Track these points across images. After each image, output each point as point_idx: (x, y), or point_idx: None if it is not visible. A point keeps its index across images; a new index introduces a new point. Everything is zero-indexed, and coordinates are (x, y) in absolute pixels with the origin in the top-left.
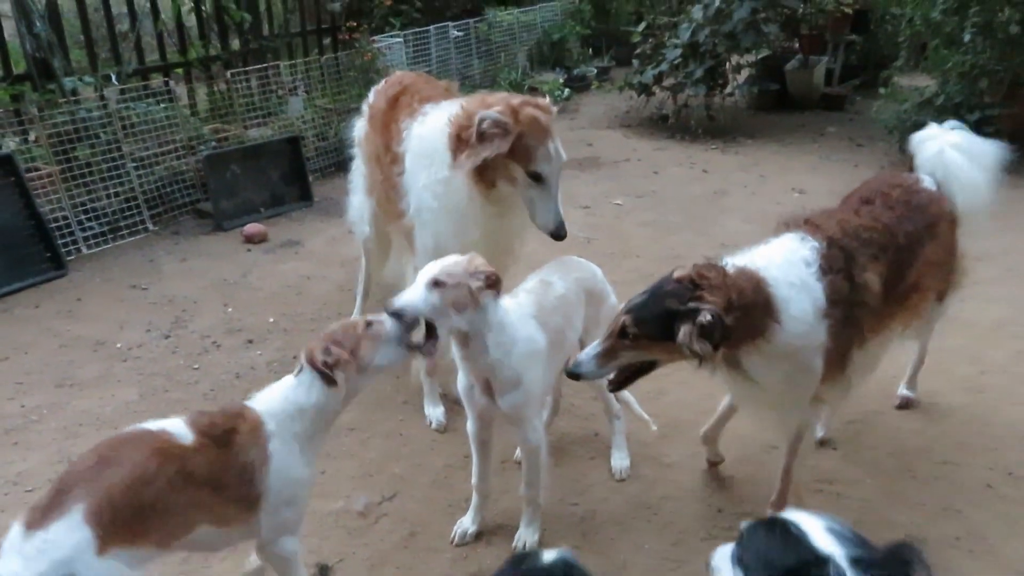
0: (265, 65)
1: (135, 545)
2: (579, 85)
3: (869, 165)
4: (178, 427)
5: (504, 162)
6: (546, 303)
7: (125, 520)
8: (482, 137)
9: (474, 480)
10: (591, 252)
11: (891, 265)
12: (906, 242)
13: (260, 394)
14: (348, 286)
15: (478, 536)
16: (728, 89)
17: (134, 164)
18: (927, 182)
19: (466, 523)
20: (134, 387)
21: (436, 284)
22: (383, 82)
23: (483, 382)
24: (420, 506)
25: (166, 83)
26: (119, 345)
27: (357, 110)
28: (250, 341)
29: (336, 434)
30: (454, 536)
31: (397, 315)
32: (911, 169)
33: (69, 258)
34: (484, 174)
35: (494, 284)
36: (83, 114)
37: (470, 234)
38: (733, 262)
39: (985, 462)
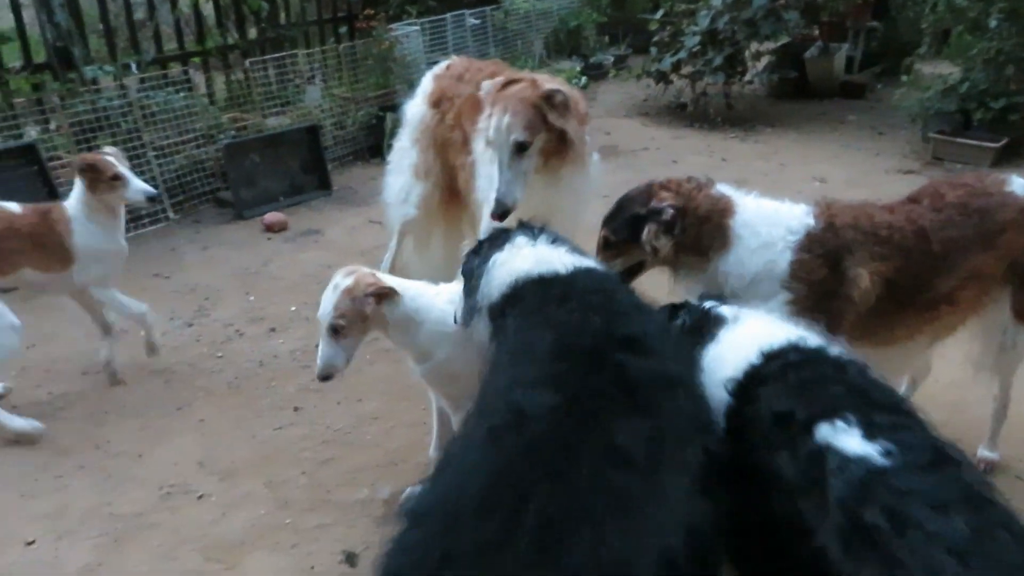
0: (283, 54)
1: None
2: (596, 73)
3: (891, 154)
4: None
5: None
6: None
7: None
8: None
9: (431, 451)
10: None
11: (908, 270)
12: (943, 249)
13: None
14: None
15: None
16: (747, 77)
17: (154, 153)
18: (1016, 185)
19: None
20: (158, 375)
21: (336, 331)
22: (443, 66)
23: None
24: None
25: (185, 72)
26: (142, 334)
27: (376, 98)
28: (273, 329)
29: (360, 423)
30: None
31: (326, 378)
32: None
33: None
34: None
35: (383, 296)
36: (104, 103)
37: (526, 206)
38: (722, 189)
39: None
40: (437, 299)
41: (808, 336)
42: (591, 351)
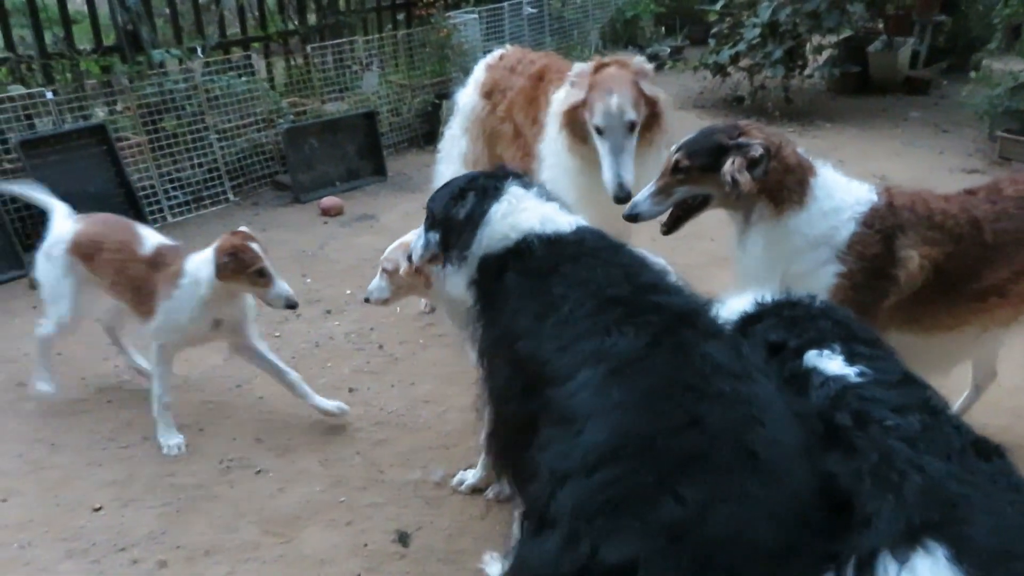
0: (342, 40)
1: None
2: (652, 64)
3: (955, 152)
4: None
5: (582, 114)
6: None
7: None
8: (571, 87)
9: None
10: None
11: (958, 257)
12: (996, 240)
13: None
14: None
15: None
16: (808, 71)
17: (216, 136)
18: None
19: (467, 474)
20: (219, 353)
21: (384, 271)
22: (496, 56)
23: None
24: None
25: (247, 56)
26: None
27: (432, 86)
28: (328, 312)
29: (414, 406)
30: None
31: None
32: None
33: (155, 226)
34: (575, 129)
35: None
36: (170, 86)
37: (576, 190)
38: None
39: None
40: None
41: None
42: (629, 298)
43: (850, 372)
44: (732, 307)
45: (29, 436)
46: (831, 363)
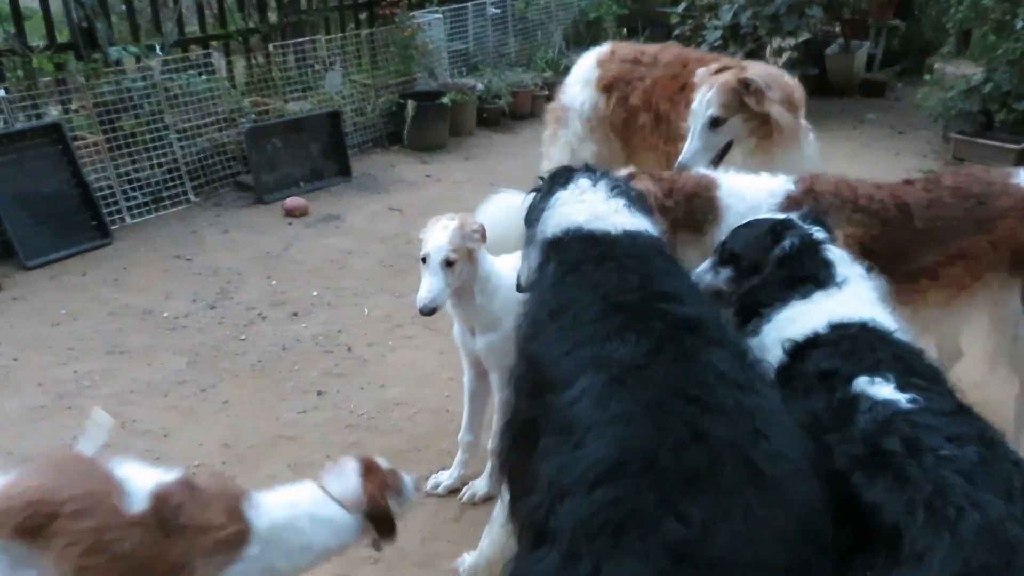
0: (305, 39)
1: None
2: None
3: (911, 153)
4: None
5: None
6: None
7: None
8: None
9: (460, 433)
10: None
11: (886, 239)
12: (926, 226)
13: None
14: (390, 262)
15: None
16: None
17: (176, 135)
18: (1023, 178)
19: (441, 476)
20: (183, 356)
21: (448, 264)
22: (606, 51)
23: (471, 327)
24: (469, 481)
25: (207, 55)
26: (166, 314)
27: (397, 85)
28: (295, 314)
29: (384, 409)
30: (426, 486)
31: (431, 311)
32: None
33: (114, 227)
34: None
35: (484, 236)
36: (127, 84)
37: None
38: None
39: None
40: (513, 268)
41: (884, 317)
42: (635, 305)
43: (901, 398)
44: (800, 322)
45: None
46: (881, 389)
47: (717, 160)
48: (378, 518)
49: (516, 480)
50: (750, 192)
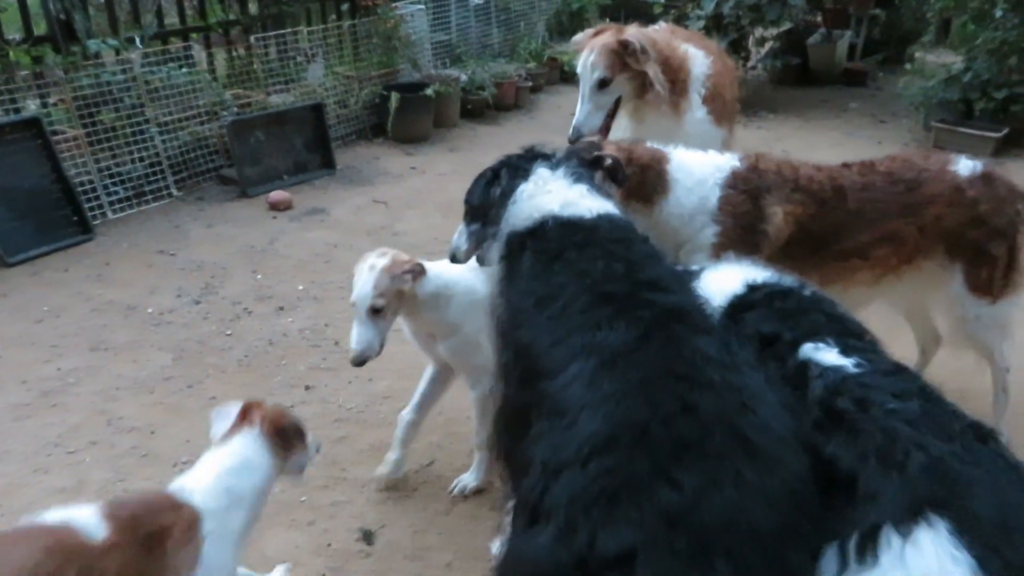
0: (287, 31)
1: None
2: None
3: (893, 141)
4: (91, 523)
5: None
6: None
7: None
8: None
9: (405, 409)
10: None
11: (822, 218)
12: (859, 207)
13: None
14: None
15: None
16: (751, 63)
17: (158, 129)
18: (961, 166)
19: (382, 470)
20: (168, 352)
21: (375, 311)
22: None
23: (424, 334)
24: (458, 474)
25: (187, 47)
26: (150, 310)
27: (380, 77)
28: (281, 308)
29: (373, 403)
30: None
31: (361, 363)
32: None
33: (95, 222)
34: None
35: (419, 274)
36: (107, 77)
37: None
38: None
39: None
40: (462, 271)
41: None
42: (623, 294)
43: (847, 363)
44: (720, 285)
45: None
46: (827, 355)
47: (609, 118)
48: (277, 431)
49: (510, 466)
50: (698, 167)
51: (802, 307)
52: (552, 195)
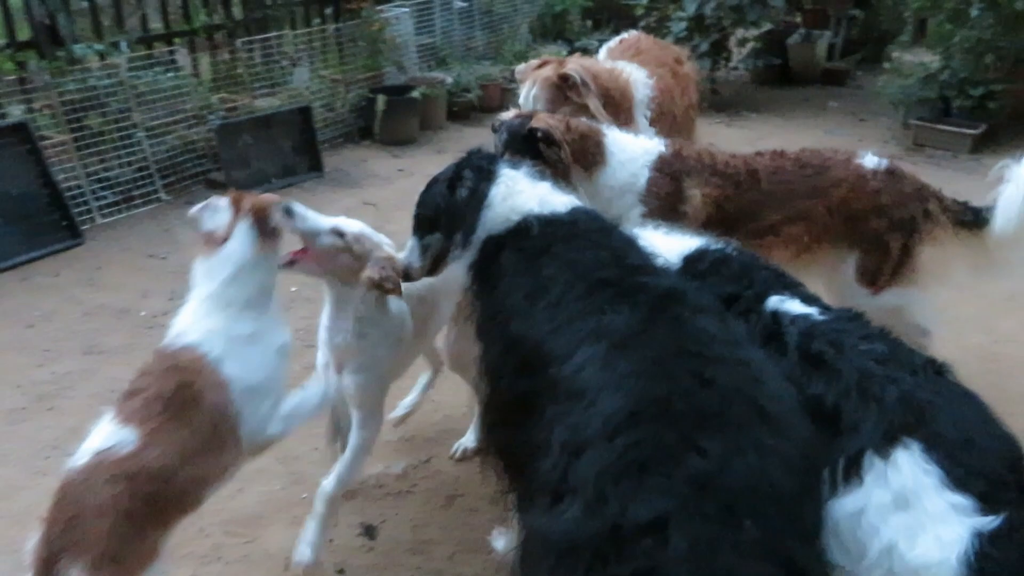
0: (272, 35)
1: (141, 568)
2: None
3: (873, 140)
4: (117, 436)
5: None
6: (411, 290)
7: (123, 559)
8: None
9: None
10: None
11: (737, 199)
12: (771, 189)
13: (181, 320)
14: None
15: None
16: (732, 63)
17: (145, 133)
18: (865, 159)
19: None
20: None
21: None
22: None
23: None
24: (456, 470)
25: (171, 52)
26: (143, 313)
27: (366, 80)
28: None
29: None
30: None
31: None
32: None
33: (84, 227)
34: None
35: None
36: (93, 82)
37: None
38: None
39: None
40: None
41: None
42: (618, 279)
43: (813, 311)
44: (671, 247)
45: None
46: (793, 305)
47: None
48: (258, 218)
49: (511, 456)
50: (630, 147)
51: (746, 267)
52: (526, 194)
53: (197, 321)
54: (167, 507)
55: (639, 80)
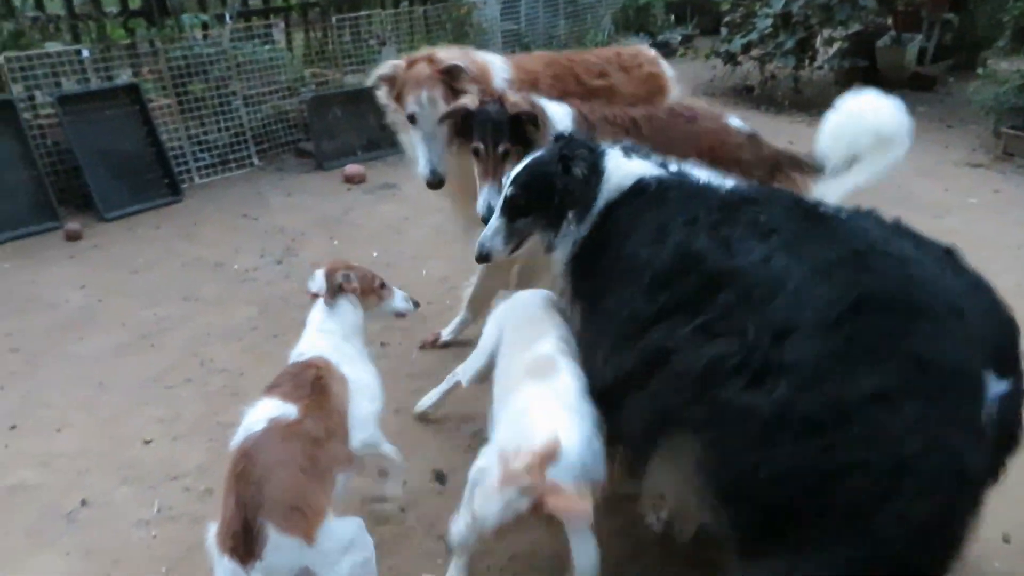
0: (363, 13)
1: (320, 519)
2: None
3: (960, 147)
4: (282, 408)
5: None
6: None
7: (305, 509)
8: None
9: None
10: None
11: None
12: (650, 134)
13: (302, 345)
14: (444, 230)
15: None
16: (817, 62)
17: (242, 101)
18: (731, 119)
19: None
20: (253, 305)
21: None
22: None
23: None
24: None
25: (268, 26)
26: (236, 267)
27: None
28: None
29: (443, 360)
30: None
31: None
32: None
33: (183, 186)
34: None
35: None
36: (198, 50)
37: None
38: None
39: None
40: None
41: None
42: (749, 198)
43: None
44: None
45: (77, 376)
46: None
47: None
48: (330, 279)
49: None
50: (555, 110)
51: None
52: (632, 162)
53: (314, 345)
54: (324, 472)
55: (494, 63)
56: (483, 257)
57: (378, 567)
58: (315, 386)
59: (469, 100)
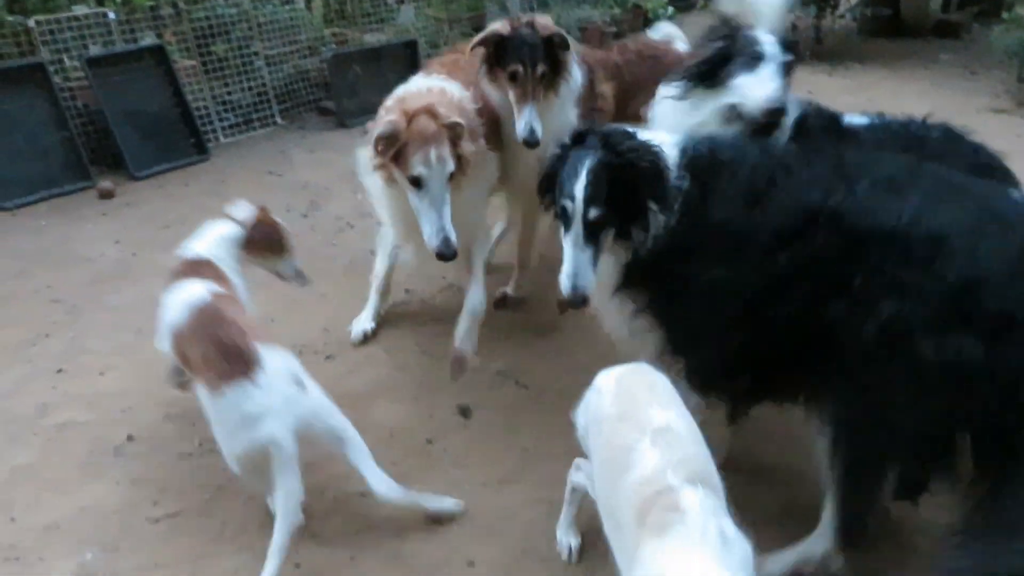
0: None
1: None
2: (683, 5)
3: (983, 93)
4: (212, 286)
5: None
6: None
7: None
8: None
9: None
10: None
11: (618, 89)
12: (631, 79)
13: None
14: None
15: None
16: (839, 11)
17: (264, 61)
18: (678, 45)
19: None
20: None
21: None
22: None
23: None
24: (551, 366)
25: None
26: None
27: (468, 20)
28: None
29: None
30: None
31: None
32: None
33: (209, 145)
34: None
35: None
36: (220, 11)
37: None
38: None
39: None
40: None
41: None
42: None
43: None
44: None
45: (116, 324)
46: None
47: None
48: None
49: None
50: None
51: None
52: (661, 135)
53: (210, 251)
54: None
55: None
56: (581, 303)
57: None
58: (219, 275)
59: (500, 26)
